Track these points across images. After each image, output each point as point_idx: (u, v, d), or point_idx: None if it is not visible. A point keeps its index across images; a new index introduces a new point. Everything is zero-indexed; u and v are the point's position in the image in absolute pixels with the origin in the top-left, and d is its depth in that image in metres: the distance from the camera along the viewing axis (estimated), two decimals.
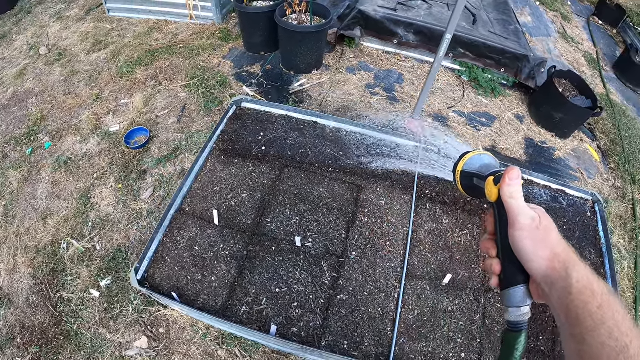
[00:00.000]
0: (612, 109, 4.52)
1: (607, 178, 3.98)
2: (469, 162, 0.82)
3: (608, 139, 4.23)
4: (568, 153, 3.84)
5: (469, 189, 0.83)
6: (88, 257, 2.77)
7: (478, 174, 0.78)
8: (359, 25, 3.68)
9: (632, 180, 4.04)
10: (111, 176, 3.16)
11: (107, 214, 2.97)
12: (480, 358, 2.22)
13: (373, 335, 2.16)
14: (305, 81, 3.48)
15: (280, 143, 2.72)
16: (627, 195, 3.92)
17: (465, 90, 3.82)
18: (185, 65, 3.66)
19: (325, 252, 2.34)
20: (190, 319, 2.57)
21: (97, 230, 2.89)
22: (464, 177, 0.83)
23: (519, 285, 0.68)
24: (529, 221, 0.65)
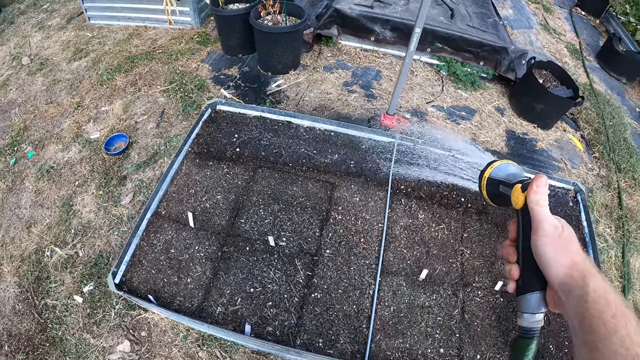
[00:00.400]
0: (595, 98, 4.51)
1: (592, 167, 3.97)
2: (496, 169, 0.83)
3: (592, 128, 4.22)
4: (551, 144, 3.83)
5: (493, 195, 0.84)
6: (71, 264, 2.78)
7: (505, 181, 0.80)
8: (336, 23, 3.68)
9: (618, 169, 4.03)
10: (92, 183, 3.16)
11: (88, 221, 2.98)
12: (460, 353, 2.22)
13: (348, 333, 2.16)
14: (283, 82, 3.48)
15: (255, 144, 2.73)
16: (612, 183, 3.91)
17: (445, 85, 3.81)
18: (164, 70, 3.67)
19: (299, 251, 2.34)
20: (170, 321, 2.57)
21: (79, 237, 2.90)
22: (490, 184, 0.84)
23: (535, 291, 0.69)
24: (552, 229, 0.67)
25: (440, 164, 2.80)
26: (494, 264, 2.55)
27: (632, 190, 4.01)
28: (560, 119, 3.97)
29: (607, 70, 5.13)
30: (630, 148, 4.32)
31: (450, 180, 2.73)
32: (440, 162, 2.81)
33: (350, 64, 3.76)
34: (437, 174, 2.75)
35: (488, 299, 2.41)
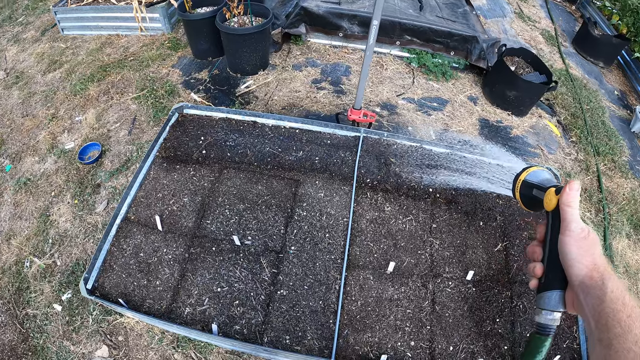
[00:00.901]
0: (572, 83, 4.51)
1: (569, 152, 3.96)
2: (532, 174, 0.88)
3: (568, 113, 4.22)
4: (526, 130, 3.83)
5: (526, 197, 0.89)
6: (49, 273, 2.81)
7: (539, 185, 0.84)
8: (303, 22, 3.69)
9: (596, 152, 4.02)
10: (67, 193, 3.18)
11: (65, 230, 3.00)
12: (432, 345, 2.21)
13: (315, 329, 2.16)
14: (252, 82, 3.49)
15: (220, 145, 2.73)
16: (590, 167, 3.91)
17: (415, 77, 3.82)
18: (136, 78, 3.68)
19: (265, 249, 2.35)
20: (146, 325, 2.60)
21: (56, 247, 2.93)
22: (524, 187, 0.88)
23: (556, 290, 0.74)
24: (579, 230, 0.71)
25: (409, 156, 2.81)
26: (464, 254, 2.55)
27: (612, 173, 4.00)
28: (535, 105, 3.97)
29: (584, 55, 5.13)
30: (609, 131, 4.31)
31: (416, 173, 2.74)
32: (409, 154, 2.82)
33: (319, 61, 3.76)
34: (406, 166, 2.76)
35: (459, 290, 2.41)
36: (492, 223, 2.73)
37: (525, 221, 2.81)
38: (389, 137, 2.81)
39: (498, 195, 2.89)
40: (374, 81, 3.69)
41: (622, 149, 4.25)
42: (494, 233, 2.69)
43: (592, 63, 5.12)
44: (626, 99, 4.97)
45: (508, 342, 2.29)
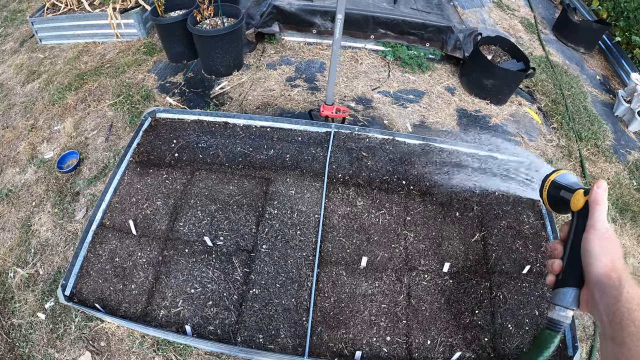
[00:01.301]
0: (552, 70, 4.50)
1: (551, 138, 3.95)
2: (561, 176, 0.91)
3: (549, 99, 4.21)
4: (506, 118, 3.82)
5: (552, 197, 0.92)
6: (33, 282, 2.83)
7: (568, 187, 0.87)
8: (276, 20, 3.69)
9: (578, 137, 4.02)
10: (48, 202, 3.20)
11: (46, 239, 3.02)
12: (408, 340, 2.20)
13: (289, 327, 2.16)
14: (226, 83, 3.49)
15: (192, 148, 2.74)
16: (573, 153, 3.90)
17: (391, 70, 3.81)
18: (112, 84, 3.69)
19: (237, 249, 2.35)
20: (126, 329, 2.62)
21: (38, 256, 2.94)
22: (553, 188, 0.91)
23: (573, 287, 0.75)
24: (604, 229, 0.74)
25: (381, 149, 2.81)
26: (440, 245, 2.54)
27: (595, 158, 3.99)
28: (514, 93, 3.96)
29: (564, 42, 5.12)
30: (592, 116, 4.30)
31: (389, 166, 2.73)
32: (381, 147, 2.81)
33: (293, 59, 3.76)
34: (378, 160, 2.75)
35: (436, 282, 2.40)
36: (468, 213, 2.72)
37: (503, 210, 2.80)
38: (360, 132, 2.81)
39: (474, 184, 2.89)
40: (349, 76, 3.69)
41: (605, 133, 4.24)
42: (470, 223, 2.68)
43: (573, 49, 5.11)
44: (608, 84, 4.96)
45: (489, 333, 2.28)
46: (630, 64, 4.84)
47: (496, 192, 2.90)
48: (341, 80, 3.63)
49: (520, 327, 2.33)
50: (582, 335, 2.92)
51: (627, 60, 4.91)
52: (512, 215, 2.81)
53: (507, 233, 2.70)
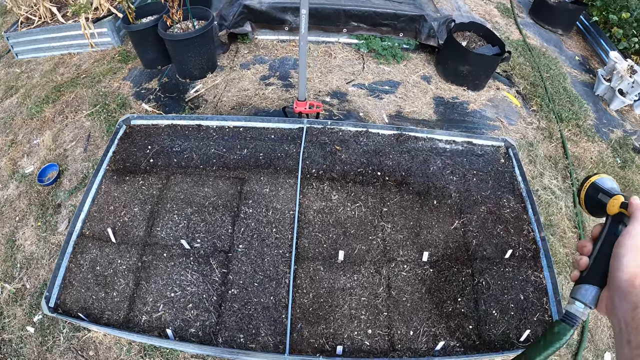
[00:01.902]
0: (529, 53, 4.50)
1: (531, 121, 3.96)
2: (601, 180, 0.91)
3: (527, 82, 4.21)
4: (484, 104, 3.82)
5: (590, 199, 0.92)
6: (20, 297, 2.84)
7: (607, 191, 0.87)
8: (248, 20, 3.69)
9: (559, 118, 4.02)
10: (31, 216, 3.20)
11: (31, 253, 3.02)
12: (390, 331, 2.21)
13: (269, 325, 2.17)
14: (201, 86, 3.50)
15: (167, 152, 2.74)
16: (554, 134, 3.90)
17: (366, 62, 3.81)
18: (89, 94, 3.69)
19: (214, 250, 2.36)
20: (113, 337, 2.62)
21: (24, 270, 2.95)
22: (592, 189, 0.91)
23: (595, 285, 0.76)
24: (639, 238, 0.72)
25: (355, 142, 2.81)
26: (419, 235, 2.54)
27: (577, 138, 4.00)
28: (491, 78, 3.96)
29: (542, 24, 5.13)
30: (572, 96, 4.30)
31: (363, 158, 2.74)
32: (355, 140, 2.82)
33: (267, 57, 3.76)
34: (352, 153, 2.76)
35: (415, 272, 2.41)
36: (446, 201, 2.73)
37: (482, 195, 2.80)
38: (333, 125, 2.81)
39: (452, 172, 2.89)
40: (323, 71, 3.69)
41: (586, 113, 4.25)
42: (449, 211, 2.68)
43: (551, 31, 5.11)
44: (588, 64, 4.96)
45: (473, 321, 2.29)
46: (608, 42, 4.85)
47: (474, 178, 2.91)
48: (315, 75, 3.64)
49: (506, 313, 2.34)
50: None
51: (606, 39, 4.91)
52: (492, 200, 2.82)
53: (488, 218, 2.71)
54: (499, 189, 2.91)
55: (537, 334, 2.28)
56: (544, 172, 3.63)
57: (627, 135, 4.31)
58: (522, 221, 2.76)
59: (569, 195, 3.56)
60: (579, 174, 3.75)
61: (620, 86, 4.31)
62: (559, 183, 3.63)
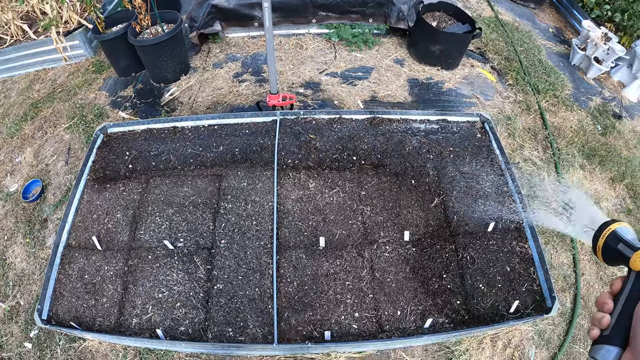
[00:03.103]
0: (502, 28, 4.52)
1: (507, 95, 3.98)
2: (622, 229, 0.87)
3: (502, 57, 4.24)
4: (459, 82, 3.85)
5: (609, 249, 0.87)
6: (15, 314, 2.86)
7: (629, 243, 0.83)
8: (217, 19, 3.70)
9: (536, 90, 4.05)
10: (19, 233, 3.22)
11: (22, 270, 3.04)
12: (377, 313, 2.23)
13: (256, 317, 2.20)
14: (175, 89, 3.51)
15: (145, 157, 2.76)
16: (531, 106, 3.93)
17: (337, 51, 3.84)
18: (66, 108, 3.70)
19: (197, 248, 2.39)
20: (108, 344, 2.65)
21: (17, 287, 2.97)
22: (612, 238, 0.87)
23: (617, 347, 0.72)
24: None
25: (329, 129, 2.83)
26: (399, 215, 2.57)
27: (556, 109, 4.03)
28: (464, 56, 3.99)
29: (513, 0, 5.15)
30: (547, 68, 4.34)
31: (338, 144, 2.76)
32: (329, 127, 2.84)
33: (239, 54, 3.78)
34: (327, 140, 2.78)
35: (398, 252, 2.43)
36: (424, 180, 2.75)
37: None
38: (306, 115, 2.84)
39: (429, 150, 2.92)
40: (295, 63, 3.71)
41: (563, 83, 4.28)
42: (428, 189, 2.71)
43: (523, 5, 5.14)
44: (562, 35, 5.00)
45: (460, 296, 2.31)
46: (581, 12, 4.88)
47: (452, 155, 2.94)
48: (288, 68, 3.66)
49: (493, 286, 2.37)
50: (564, 285, 2.95)
51: (578, 9, 4.94)
52: (471, 175, 2.84)
53: (468, 193, 2.74)
54: (477, 163, 2.93)
55: (526, 305, 2.32)
56: (524, 144, 3.67)
57: (606, 102, 4.35)
58: (503, 194, 2.79)
59: (551, 166, 3.59)
60: (559, 143, 3.78)
61: (595, 54, 4.34)
62: (540, 154, 3.66)
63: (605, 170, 3.72)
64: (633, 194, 3.67)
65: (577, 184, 3.60)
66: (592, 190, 3.63)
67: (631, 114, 4.38)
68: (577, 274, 3.00)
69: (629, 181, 3.69)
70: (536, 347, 2.63)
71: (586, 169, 3.71)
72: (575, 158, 3.70)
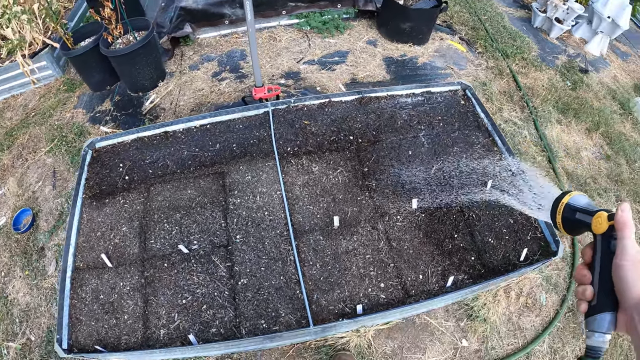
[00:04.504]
0: (464, 1, 4.66)
1: (479, 63, 4.11)
2: (574, 198, 0.89)
3: (468, 27, 4.36)
4: (432, 55, 3.94)
5: (568, 221, 0.89)
6: (28, 351, 2.76)
7: (585, 209, 0.85)
8: (187, 21, 3.66)
9: (505, 55, 4.20)
10: (16, 267, 3.11)
11: (27, 304, 2.94)
12: (401, 280, 2.28)
13: (286, 304, 2.21)
14: (155, 96, 3.46)
15: (140, 166, 2.72)
16: (503, 70, 4.07)
17: (311, 39, 3.86)
18: (43, 132, 3.59)
19: (212, 247, 2.37)
20: None
21: (25, 323, 2.87)
22: (568, 210, 0.88)
23: (608, 312, 0.73)
24: (636, 253, 0.71)
25: (322, 113, 2.86)
26: (403, 185, 2.63)
27: (526, 70, 4.18)
28: (433, 30, 4.09)
29: None
30: (512, 32, 4.51)
31: (333, 126, 2.79)
32: (322, 112, 2.87)
33: (213, 54, 3.76)
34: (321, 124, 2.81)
35: (409, 220, 2.49)
36: (420, 149, 2.83)
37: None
38: (297, 102, 2.86)
39: (419, 122, 2.99)
40: (271, 55, 3.72)
41: (529, 45, 4.47)
42: (425, 157, 2.78)
43: None
44: (521, 0, 5.18)
45: (473, 252, 2.40)
46: None
47: (441, 123, 3.02)
48: (265, 61, 3.66)
49: (501, 239, 2.46)
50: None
51: None
52: (462, 139, 2.93)
53: (462, 157, 2.82)
54: (465, 128, 3.03)
55: (534, 252, 2.42)
56: (502, 106, 3.80)
57: (572, 58, 4.56)
58: (494, 153, 2.89)
59: (530, 124, 3.74)
60: (534, 102, 3.93)
61: (556, 15, 4.53)
62: (518, 114, 3.80)
63: (580, 122, 3.90)
64: (609, 140, 3.87)
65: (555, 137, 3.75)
66: (572, 141, 3.80)
67: (596, 67, 4.61)
68: None
69: (604, 129, 3.88)
70: (546, 292, 2.74)
71: (563, 123, 3.88)
72: (551, 114, 3.86)
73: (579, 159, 3.68)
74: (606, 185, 3.53)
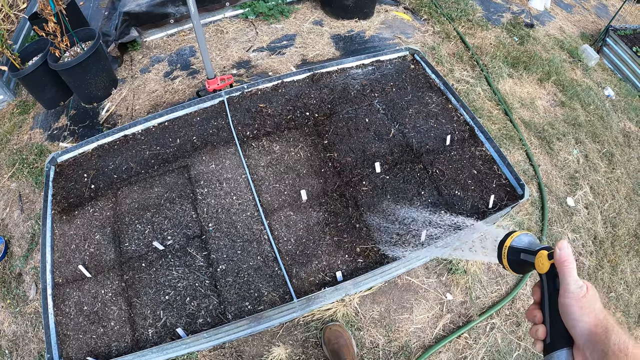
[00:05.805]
0: None
1: (426, 29, 4.20)
2: (516, 240, 0.90)
3: None
4: (378, 28, 4.02)
5: (514, 263, 0.90)
6: None
7: (527, 249, 0.86)
8: (132, 25, 3.63)
9: (450, 19, 4.29)
10: None
11: (13, 333, 2.91)
12: (376, 244, 2.34)
13: (267, 283, 2.25)
14: (110, 104, 3.44)
15: (104, 172, 2.72)
16: (450, 33, 4.17)
17: (257, 27, 3.89)
18: (2, 158, 3.53)
19: (187, 239, 2.40)
20: None
21: (14, 353, 2.84)
22: (512, 253, 0.90)
23: (562, 348, 0.74)
24: (578, 289, 0.73)
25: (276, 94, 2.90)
26: (364, 152, 2.69)
27: (473, 31, 4.30)
28: (377, 3, 4.17)
29: None
30: None
31: (289, 105, 2.83)
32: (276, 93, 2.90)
33: (162, 54, 3.75)
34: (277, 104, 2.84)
35: (375, 184, 2.56)
36: (377, 115, 2.89)
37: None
38: (250, 87, 2.89)
39: (372, 90, 3.05)
40: (220, 47, 3.73)
41: (473, 7, 4.60)
42: (383, 123, 2.85)
43: None
44: None
45: (442, 206, 2.47)
46: None
47: (394, 89, 3.09)
48: (215, 54, 3.67)
49: (467, 189, 2.56)
50: (526, 178, 3.18)
51: None
52: (416, 101, 3.01)
53: (419, 117, 2.90)
54: (418, 90, 3.11)
55: (501, 198, 2.52)
56: (453, 67, 3.90)
57: (516, 15, 4.72)
58: (449, 110, 2.98)
59: (482, 81, 3.85)
60: (484, 59, 4.04)
61: None
62: (470, 73, 3.91)
63: (531, 74, 4.03)
64: (562, 88, 4.02)
65: (509, 91, 3.87)
66: (525, 93, 3.93)
67: (542, 21, 4.76)
68: (535, 166, 3.26)
69: (555, 78, 4.03)
70: None
71: (514, 77, 4.01)
72: (502, 69, 3.99)
73: (535, 109, 3.80)
74: (564, 129, 3.67)
